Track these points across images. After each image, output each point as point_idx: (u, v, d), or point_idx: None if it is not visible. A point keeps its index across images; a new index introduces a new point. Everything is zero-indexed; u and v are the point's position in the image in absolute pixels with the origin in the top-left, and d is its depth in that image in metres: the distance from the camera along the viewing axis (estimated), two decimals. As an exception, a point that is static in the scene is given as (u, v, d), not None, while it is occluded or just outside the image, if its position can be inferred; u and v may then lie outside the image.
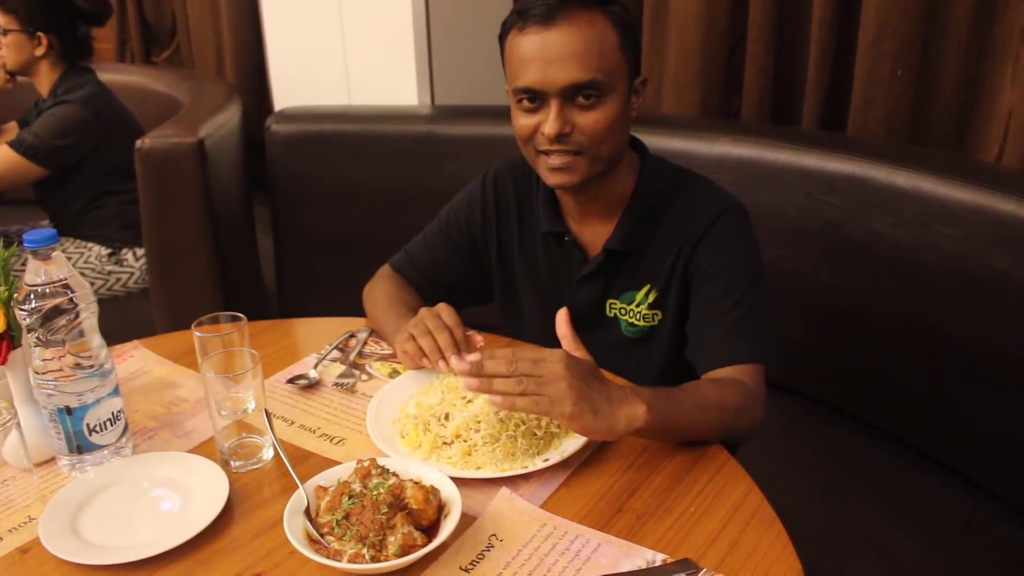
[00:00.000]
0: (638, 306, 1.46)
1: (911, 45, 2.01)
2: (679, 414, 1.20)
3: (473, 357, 1.14)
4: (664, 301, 1.45)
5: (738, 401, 1.27)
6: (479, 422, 1.20)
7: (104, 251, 2.62)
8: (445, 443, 1.20)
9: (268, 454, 1.22)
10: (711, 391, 1.29)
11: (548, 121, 1.32)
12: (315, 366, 1.48)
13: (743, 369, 1.33)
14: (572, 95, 1.31)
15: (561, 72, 1.29)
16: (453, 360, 1.31)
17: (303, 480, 1.09)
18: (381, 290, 1.61)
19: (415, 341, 1.37)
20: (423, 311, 1.42)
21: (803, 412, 1.96)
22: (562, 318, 1.26)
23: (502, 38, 1.37)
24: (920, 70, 2.04)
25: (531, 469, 1.16)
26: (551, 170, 1.37)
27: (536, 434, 1.21)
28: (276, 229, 2.69)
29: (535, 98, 1.33)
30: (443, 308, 1.42)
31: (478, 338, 1.49)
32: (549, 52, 1.29)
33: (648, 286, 1.45)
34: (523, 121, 1.36)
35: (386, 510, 1.00)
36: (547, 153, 1.36)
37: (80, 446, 1.17)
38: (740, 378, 1.31)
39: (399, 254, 1.68)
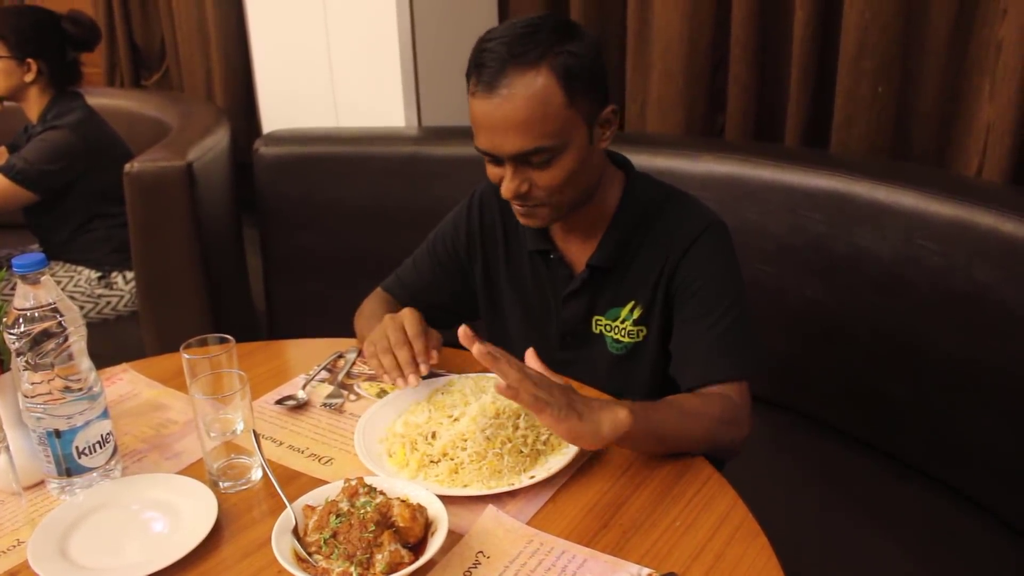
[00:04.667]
0: (623, 322, 1.48)
1: (891, 62, 2.04)
2: (661, 420, 1.23)
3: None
4: (649, 317, 1.46)
5: (721, 411, 1.30)
6: (466, 440, 1.21)
7: (94, 275, 2.62)
8: (432, 461, 1.21)
9: (257, 475, 1.22)
10: (693, 401, 1.32)
11: (504, 183, 1.35)
12: (304, 387, 1.48)
13: (726, 387, 1.35)
14: (523, 159, 1.32)
15: (507, 142, 1.30)
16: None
17: (291, 500, 1.10)
18: (370, 310, 1.63)
19: (377, 358, 1.39)
20: (387, 319, 1.42)
21: (788, 425, 1.97)
22: (531, 357, 1.22)
23: (468, 75, 1.36)
24: (900, 87, 2.06)
25: (518, 486, 1.17)
26: (519, 215, 1.42)
27: (522, 451, 1.22)
28: (265, 251, 2.70)
29: (494, 157, 1.35)
30: (406, 316, 1.42)
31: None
32: (494, 122, 1.30)
33: (632, 302, 1.46)
34: (490, 171, 1.39)
35: (373, 528, 1.00)
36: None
37: (69, 469, 1.18)
38: (725, 392, 1.33)
39: (390, 276, 1.70)
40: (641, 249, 1.45)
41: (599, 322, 1.50)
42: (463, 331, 1.15)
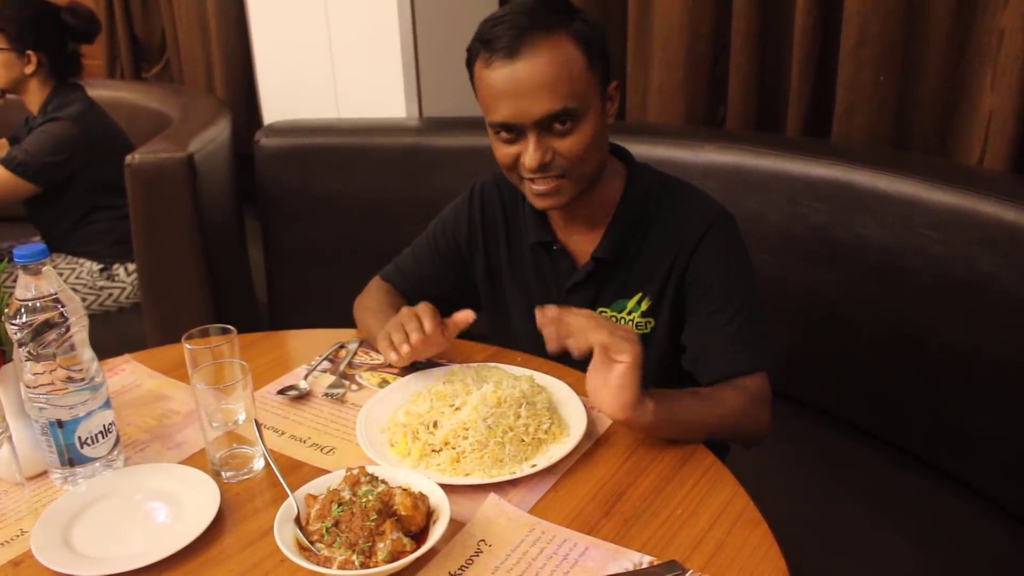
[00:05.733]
0: (630, 314, 1.47)
1: (892, 51, 2.03)
2: (682, 408, 1.24)
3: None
4: (658, 310, 1.46)
5: (741, 401, 1.31)
6: (467, 429, 1.22)
7: (96, 267, 2.63)
8: (434, 450, 1.22)
9: (259, 464, 1.22)
10: (713, 391, 1.33)
11: (527, 153, 1.33)
12: (305, 377, 1.49)
13: (747, 379, 1.36)
14: (547, 124, 1.31)
15: (533, 105, 1.29)
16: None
17: (293, 489, 1.10)
18: (371, 298, 1.63)
19: (389, 338, 1.39)
20: (404, 310, 1.42)
21: (790, 414, 1.97)
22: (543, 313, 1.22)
23: (469, 64, 1.37)
24: (901, 75, 2.06)
25: (519, 475, 1.17)
26: (538, 195, 1.39)
27: (524, 440, 1.22)
28: (266, 242, 2.70)
29: (512, 130, 1.34)
30: (423, 307, 1.42)
31: (462, 316, 1.45)
32: (518, 86, 1.29)
33: (640, 294, 1.46)
34: (504, 151, 1.37)
35: (375, 517, 1.01)
36: (531, 179, 1.37)
37: (72, 459, 1.18)
38: (746, 384, 1.35)
39: (389, 266, 1.70)
40: (646, 240, 1.45)
41: (604, 313, 1.49)
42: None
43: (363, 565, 0.98)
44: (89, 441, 1.18)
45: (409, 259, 1.67)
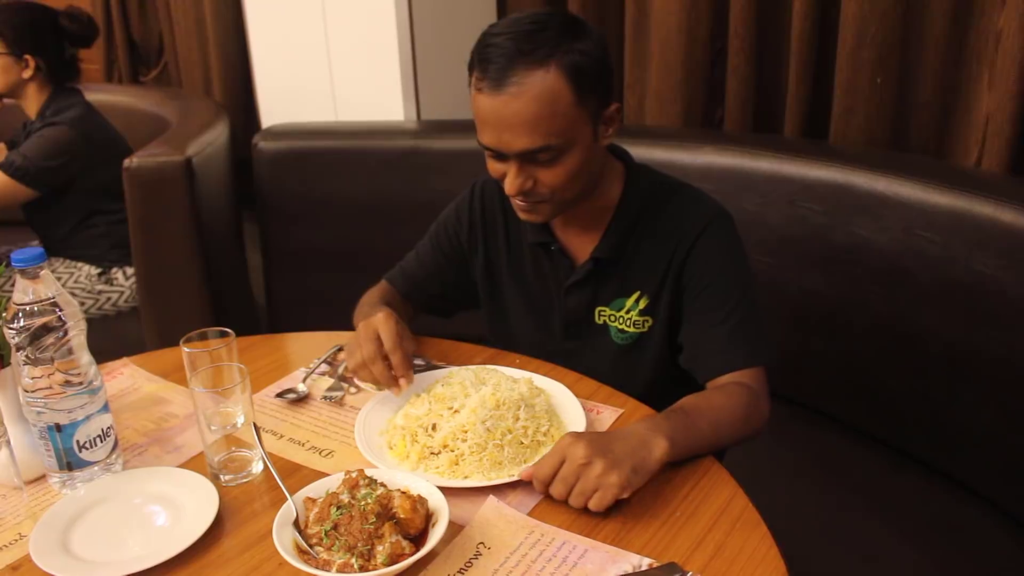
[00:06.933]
0: (628, 313, 1.48)
1: (889, 53, 2.03)
2: (697, 441, 1.22)
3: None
4: (655, 308, 1.46)
5: (746, 408, 1.31)
6: (466, 432, 1.21)
7: (94, 271, 2.62)
8: (433, 453, 1.22)
9: (257, 467, 1.22)
10: (721, 405, 1.31)
11: (508, 180, 1.34)
12: (304, 380, 1.49)
13: (745, 374, 1.36)
14: (530, 157, 1.31)
15: (514, 140, 1.29)
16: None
17: (292, 492, 1.10)
18: (368, 299, 1.64)
19: (357, 374, 1.38)
20: (361, 327, 1.38)
21: (789, 416, 1.97)
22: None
23: (470, 68, 1.36)
24: (899, 77, 2.06)
25: (518, 477, 1.17)
26: (520, 210, 1.42)
27: (523, 442, 1.22)
28: (265, 245, 2.70)
29: (497, 152, 1.34)
30: (380, 324, 1.36)
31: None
32: (501, 119, 1.28)
33: (638, 293, 1.47)
34: (491, 166, 1.39)
35: (374, 520, 1.01)
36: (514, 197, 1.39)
37: (70, 463, 1.18)
38: (744, 381, 1.35)
39: (393, 268, 1.70)
40: (645, 240, 1.46)
41: (602, 313, 1.50)
42: None
43: (362, 568, 0.98)
44: (87, 445, 1.18)
45: (412, 260, 1.68)
